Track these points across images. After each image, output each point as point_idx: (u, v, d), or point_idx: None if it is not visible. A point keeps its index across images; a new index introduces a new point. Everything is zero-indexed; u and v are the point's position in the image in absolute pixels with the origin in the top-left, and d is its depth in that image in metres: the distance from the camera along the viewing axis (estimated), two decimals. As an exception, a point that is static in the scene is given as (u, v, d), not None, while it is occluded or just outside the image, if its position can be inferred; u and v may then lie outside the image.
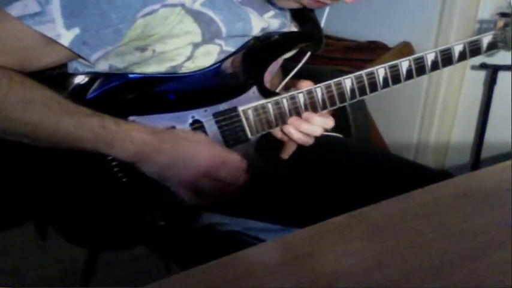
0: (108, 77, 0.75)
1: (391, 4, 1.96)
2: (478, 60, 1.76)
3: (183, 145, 0.73)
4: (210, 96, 0.78)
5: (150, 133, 0.71)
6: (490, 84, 1.73)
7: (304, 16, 0.90)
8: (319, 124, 0.82)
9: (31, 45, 0.67)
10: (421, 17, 1.86)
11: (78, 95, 0.73)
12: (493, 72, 1.71)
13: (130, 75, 0.76)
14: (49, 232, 0.83)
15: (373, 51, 1.95)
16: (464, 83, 1.88)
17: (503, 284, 0.46)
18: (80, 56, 0.69)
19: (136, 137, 0.70)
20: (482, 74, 1.81)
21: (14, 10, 0.64)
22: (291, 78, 0.92)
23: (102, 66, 0.75)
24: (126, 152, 0.70)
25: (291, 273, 0.50)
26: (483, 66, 1.74)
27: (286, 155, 0.87)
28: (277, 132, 0.84)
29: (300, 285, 0.47)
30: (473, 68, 1.81)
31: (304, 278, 0.48)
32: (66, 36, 0.66)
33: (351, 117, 1.36)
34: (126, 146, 0.70)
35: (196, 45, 0.75)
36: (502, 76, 1.70)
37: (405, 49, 1.90)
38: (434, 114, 1.92)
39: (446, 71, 1.83)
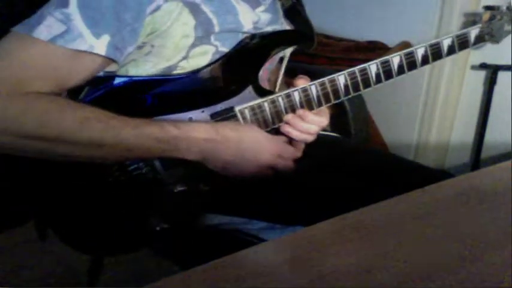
0: (95, 83, 0.74)
1: (391, 4, 1.96)
2: (478, 60, 1.76)
3: (246, 141, 0.75)
4: (206, 97, 0.78)
5: (213, 131, 0.73)
6: (490, 84, 1.73)
7: (295, 14, 0.91)
8: (313, 122, 0.83)
9: (65, 64, 0.67)
10: (421, 17, 1.86)
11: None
12: (493, 72, 1.71)
13: (116, 82, 0.75)
14: (49, 232, 0.83)
15: (373, 51, 1.95)
16: (464, 83, 1.88)
17: (503, 284, 0.46)
18: (113, 61, 0.70)
19: (199, 137, 0.72)
20: (482, 74, 1.80)
21: (42, 34, 0.64)
22: (288, 76, 0.93)
23: None
24: (192, 153, 0.72)
25: (290, 273, 0.50)
26: (483, 66, 1.74)
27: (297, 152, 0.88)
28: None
29: (300, 285, 0.47)
30: (473, 68, 1.81)
31: (304, 278, 0.48)
32: (98, 46, 0.66)
33: (351, 117, 1.36)
34: (192, 148, 0.72)
35: (192, 45, 0.75)
36: (502, 76, 1.70)
37: (405, 49, 1.90)
38: (434, 114, 1.91)
39: (446, 71, 1.83)
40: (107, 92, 0.75)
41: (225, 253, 0.52)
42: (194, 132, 0.72)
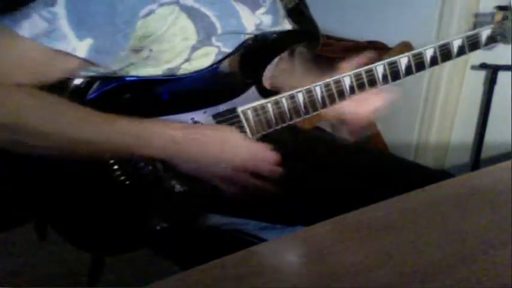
0: (105, 79, 0.75)
1: (391, 4, 1.96)
2: (478, 60, 1.76)
3: (216, 142, 0.74)
4: (209, 98, 0.78)
5: (180, 130, 0.72)
6: (490, 84, 1.73)
7: (299, 14, 0.90)
8: (368, 103, 0.85)
9: (46, 61, 0.67)
10: (421, 17, 1.86)
11: (77, 97, 0.73)
12: (493, 72, 1.71)
13: (128, 78, 0.76)
14: (49, 232, 0.83)
15: (373, 51, 1.95)
16: (464, 83, 1.88)
17: (503, 284, 0.46)
18: (96, 64, 0.70)
19: (166, 134, 0.71)
20: (482, 74, 1.80)
21: (26, 31, 0.65)
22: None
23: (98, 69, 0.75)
24: (165, 151, 0.72)
25: (290, 273, 0.50)
26: (483, 66, 1.74)
27: (353, 136, 0.91)
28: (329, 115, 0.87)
29: (300, 286, 0.47)
30: (473, 68, 1.81)
31: (304, 277, 0.48)
32: (80, 48, 0.66)
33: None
34: (164, 145, 0.71)
35: (194, 48, 0.75)
36: (502, 76, 1.70)
37: (405, 49, 1.89)
38: (434, 114, 1.92)
39: (446, 71, 1.83)
40: (109, 89, 0.75)
41: (225, 253, 0.52)
42: (170, 130, 0.72)
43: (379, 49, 1.95)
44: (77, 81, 0.75)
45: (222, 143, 0.74)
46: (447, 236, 0.56)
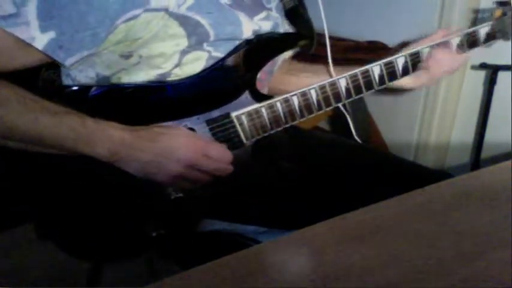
0: (99, 87, 0.74)
1: (391, 4, 1.96)
2: (478, 60, 1.76)
3: (162, 140, 0.71)
4: (202, 104, 0.77)
5: (129, 131, 0.70)
6: (490, 84, 1.73)
7: (297, 15, 0.89)
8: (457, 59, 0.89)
9: (4, 46, 0.65)
10: (421, 17, 1.86)
11: (70, 101, 0.72)
12: (493, 72, 1.70)
13: (119, 86, 0.75)
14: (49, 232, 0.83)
15: (373, 51, 1.95)
16: (464, 83, 1.88)
17: (503, 284, 0.46)
18: (54, 60, 0.67)
19: (115, 135, 0.69)
20: (482, 74, 1.80)
21: None
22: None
23: (90, 74, 0.74)
24: (105, 150, 0.69)
25: (290, 274, 0.50)
26: (483, 66, 1.73)
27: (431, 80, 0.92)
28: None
29: (300, 285, 0.47)
30: (473, 68, 1.81)
31: (304, 278, 0.48)
32: (40, 39, 0.64)
33: (351, 117, 1.36)
34: (106, 144, 0.69)
35: (184, 52, 0.73)
36: (502, 76, 1.70)
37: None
38: (434, 114, 1.91)
39: (446, 71, 1.82)
40: (105, 94, 0.74)
41: (225, 255, 0.52)
42: (110, 129, 0.69)
43: (380, 49, 1.95)
44: (75, 88, 0.74)
45: (165, 140, 0.71)
46: (447, 236, 0.56)
